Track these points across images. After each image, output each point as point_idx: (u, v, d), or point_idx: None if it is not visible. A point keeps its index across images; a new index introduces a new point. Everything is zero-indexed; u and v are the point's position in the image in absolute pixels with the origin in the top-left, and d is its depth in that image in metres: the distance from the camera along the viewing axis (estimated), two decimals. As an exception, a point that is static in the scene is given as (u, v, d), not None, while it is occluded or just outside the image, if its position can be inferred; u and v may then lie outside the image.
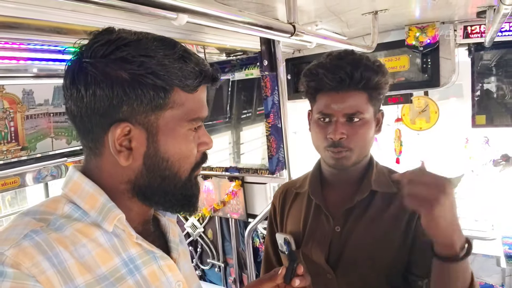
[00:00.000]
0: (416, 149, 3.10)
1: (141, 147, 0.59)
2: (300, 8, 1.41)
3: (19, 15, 1.13)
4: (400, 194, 0.96)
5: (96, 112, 0.57)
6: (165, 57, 0.57)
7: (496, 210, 2.68)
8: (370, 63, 0.93)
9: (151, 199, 0.63)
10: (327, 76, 0.91)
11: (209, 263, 2.54)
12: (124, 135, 0.58)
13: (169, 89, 0.58)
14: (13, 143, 1.64)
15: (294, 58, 2.46)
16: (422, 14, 1.78)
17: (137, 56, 0.55)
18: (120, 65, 0.55)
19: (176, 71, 0.57)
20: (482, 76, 2.05)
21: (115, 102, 0.56)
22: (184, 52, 0.59)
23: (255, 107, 2.83)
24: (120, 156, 0.58)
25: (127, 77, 0.55)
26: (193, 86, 0.60)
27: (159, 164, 0.60)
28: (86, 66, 0.56)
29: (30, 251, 0.51)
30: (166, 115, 0.59)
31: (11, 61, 1.44)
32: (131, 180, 0.61)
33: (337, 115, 0.92)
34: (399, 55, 2.13)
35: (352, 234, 0.95)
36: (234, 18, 0.81)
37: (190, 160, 0.63)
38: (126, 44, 0.56)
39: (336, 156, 0.94)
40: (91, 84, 0.55)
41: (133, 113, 0.57)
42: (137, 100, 0.56)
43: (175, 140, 0.60)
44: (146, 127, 0.58)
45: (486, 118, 2.07)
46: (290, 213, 1.10)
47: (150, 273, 0.62)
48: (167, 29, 1.46)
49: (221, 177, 2.25)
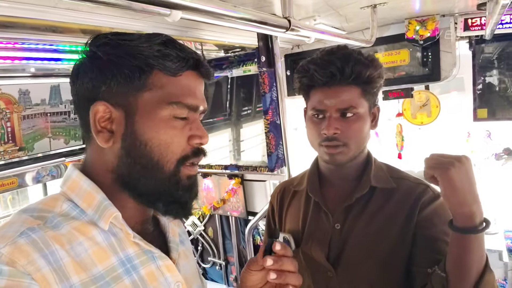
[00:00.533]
0: (417, 144, 3.08)
1: (120, 128, 0.59)
2: (298, 3, 1.40)
3: (14, 14, 1.12)
4: (399, 189, 0.96)
5: (83, 97, 0.60)
6: (145, 41, 0.59)
7: (499, 204, 2.67)
8: (361, 57, 0.92)
9: (135, 189, 0.61)
10: (318, 72, 0.91)
11: (210, 261, 2.54)
12: (107, 119, 0.59)
13: (147, 70, 0.58)
14: (10, 144, 1.64)
15: (293, 54, 2.44)
16: (421, 7, 1.75)
17: (117, 40, 0.59)
18: (101, 49, 0.59)
19: (154, 52, 0.58)
20: (484, 69, 2.02)
21: (95, 83, 0.59)
22: (168, 39, 0.61)
23: (254, 104, 2.81)
24: (98, 136, 0.59)
25: (105, 58, 0.58)
26: (173, 69, 0.59)
27: (136, 147, 0.59)
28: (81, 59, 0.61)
29: (26, 249, 0.51)
30: (144, 96, 0.59)
31: (6, 61, 1.43)
32: (114, 167, 0.61)
33: (330, 110, 0.92)
34: (399, 49, 2.10)
35: (352, 232, 0.95)
36: (228, 13, 0.80)
37: (173, 149, 0.60)
38: (114, 34, 0.60)
39: (331, 152, 0.93)
40: (80, 72, 0.60)
41: (112, 94, 0.58)
42: (113, 79, 0.58)
43: (153, 123, 0.59)
44: (125, 108, 0.59)
45: (488, 111, 2.05)
46: (288, 212, 1.09)
47: (148, 273, 0.61)
48: (163, 26, 1.45)
49: (221, 175, 2.24)
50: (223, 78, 2.51)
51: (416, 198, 0.94)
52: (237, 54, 2.15)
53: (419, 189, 0.95)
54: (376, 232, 0.93)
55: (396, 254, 0.92)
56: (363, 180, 0.98)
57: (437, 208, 0.92)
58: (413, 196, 0.94)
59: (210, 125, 2.64)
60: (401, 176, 1.01)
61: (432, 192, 0.95)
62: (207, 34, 1.76)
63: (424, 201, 0.93)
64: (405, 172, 1.03)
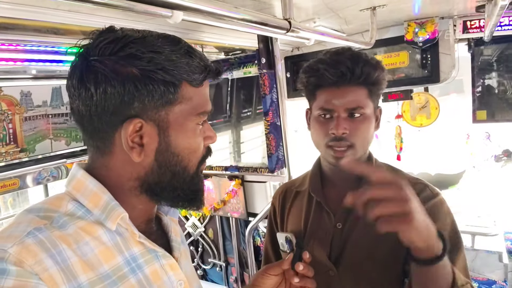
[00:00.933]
0: (417, 145, 3.08)
1: (152, 143, 0.59)
2: (297, 5, 1.41)
3: (15, 15, 1.13)
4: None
5: (107, 110, 0.57)
6: (172, 53, 0.58)
7: (498, 206, 2.68)
8: (369, 59, 0.93)
9: (160, 195, 0.63)
10: (328, 71, 0.91)
11: (210, 263, 2.54)
12: (136, 132, 0.58)
13: (178, 84, 0.58)
14: (12, 145, 1.64)
15: (293, 56, 2.45)
16: (420, 9, 1.77)
17: (146, 52, 0.56)
18: (130, 62, 0.56)
19: (183, 65, 0.58)
20: (483, 72, 2.03)
21: (126, 99, 0.56)
22: (189, 47, 0.60)
23: (254, 106, 2.82)
24: (133, 152, 0.58)
25: (137, 73, 0.56)
26: (199, 80, 0.61)
27: (170, 159, 0.61)
28: (95, 64, 0.56)
29: (33, 249, 0.51)
30: (175, 110, 0.59)
31: (8, 63, 1.44)
32: (141, 177, 0.61)
33: (339, 110, 0.92)
34: (399, 51, 2.11)
35: (353, 231, 0.95)
36: (229, 14, 0.80)
37: (198, 155, 0.64)
38: (133, 41, 0.57)
39: (337, 155, 0.93)
40: (101, 82, 0.55)
41: (144, 109, 0.57)
42: (148, 96, 0.57)
43: (185, 134, 0.61)
44: (157, 123, 0.59)
45: (487, 113, 2.05)
46: (290, 212, 1.09)
47: (152, 272, 0.62)
48: (165, 28, 1.46)
49: (221, 176, 2.25)
50: (223, 80, 2.52)
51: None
52: (237, 56, 2.16)
53: (418, 187, 0.96)
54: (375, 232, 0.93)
55: (396, 254, 0.92)
56: (364, 180, 0.98)
57: (433, 207, 0.92)
58: None
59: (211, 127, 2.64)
60: (400, 175, 1.01)
61: (430, 191, 0.96)
62: (207, 36, 1.77)
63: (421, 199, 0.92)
64: (403, 172, 1.03)
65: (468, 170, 3.42)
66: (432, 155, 3.65)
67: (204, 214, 2.43)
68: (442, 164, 3.70)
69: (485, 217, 2.64)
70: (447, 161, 3.51)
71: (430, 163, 3.65)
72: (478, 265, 2.18)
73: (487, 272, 2.24)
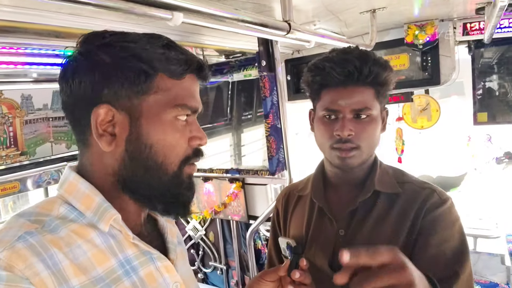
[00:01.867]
0: (418, 148, 3.08)
1: (123, 132, 0.59)
2: (297, 8, 1.41)
3: (16, 19, 1.13)
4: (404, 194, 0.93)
5: (81, 99, 0.58)
6: (148, 43, 0.58)
7: (500, 208, 2.66)
8: (378, 59, 0.90)
9: (136, 192, 0.61)
10: (335, 70, 0.88)
11: (211, 266, 2.53)
12: (108, 122, 0.58)
13: (152, 73, 0.58)
14: (12, 148, 1.64)
15: (294, 59, 2.46)
16: (420, 11, 1.77)
17: (121, 42, 0.57)
18: (104, 50, 0.57)
19: (159, 55, 0.58)
20: (483, 74, 2.03)
21: (96, 86, 0.57)
22: (170, 41, 0.60)
23: (255, 109, 2.82)
24: (101, 140, 0.58)
25: (109, 61, 0.56)
26: (178, 73, 0.60)
27: (141, 150, 0.59)
28: (73, 57, 0.58)
29: (24, 253, 0.50)
30: (150, 99, 0.59)
31: (8, 66, 1.44)
32: (115, 171, 0.60)
33: (344, 111, 0.89)
34: (399, 54, 2.12)
35: (356, 238, 0.91)
36: (229, 16, 0.80)
37: (177, 152, 0.61)
38: (111, 33, 0.58)
39: (342, 156, 0.90)
40: (77, 72, 0.57)
41: (116, 97, 0.57)
42: (118, 82, 0.57)
43: (159, 125, 0.59)
44: (129, 112, 0.58)
45: (488, 115, 2.05)
46: (292, 217, 1.07)
47: (147, 274, 0.61)
48: (165, 31, 1.46)
49: (222, 179, 2.24)
50: (223, 83, 2.52)
51: (422, 203, 0.90)
52: (238, 58, 2.16)
53: (425, 193, 0.92)
54: (380, 238, 0.89)
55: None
56: (367, 184, 0.95)
57: (441, 214, 0.88)
58: (419, 200, 0.91)
59: (211, 130, 2.65)
60: (406, 180, 0.97)
61: (439, 197, 0.91)
62: (208, 39, 1.77)
63: (429, 206, 0.89)
64: (411, 175, 0.99)
65: (469, 172, 3.41)
66: (433, 157, 3.64)
67: (205, 217, 2.43)
68: (444, 167, 3.69)
69: (487, 220, 2.63)
70: (448, 164, 3.51)
71: (431, 165, 3.64)
72: (480, 268, 2.16)
73: (489, 275, 2.22)
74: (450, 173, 3.68)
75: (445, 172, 3.66)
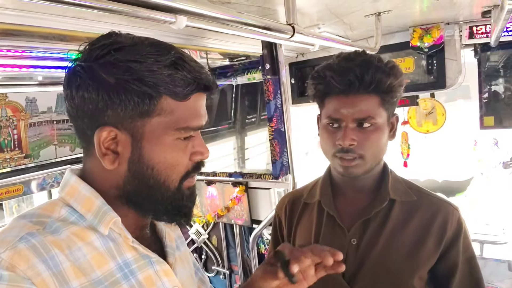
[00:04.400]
0: (423, 152, 3.05)
1: (126, 152, 0.59)
2: (302, 11, 1.40)
3: (21, 22, 1.14)
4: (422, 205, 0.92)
5: (85, 114, 0.58)
6: (154, 63, 0.56)
7: (507, 213, 2.63)
8: (382, 64, 0.87)
9: (141, 206, 0.62)
10: (335, 79, 0.86)
11: (214, 270, 2.51)
12: (112, 139, 0.58)
13: (156, 96, 0.57)
14: (17, 151, 1.65)
15: (298, 62, 2.45)
16: (426, 15, 1.76)
17: (125, 61, 0.55)
18: (108, 70, 0.55)
19: (164, 77, 0.56)
20: (490, 78, 2.01)
21: (100, 106, 0.56)
22: (178, 59, 0.58)
23: (259, 112, 2.82)
24: (104, 159, 0.58)
25: (112, 82, 0.55)
26: (183, 94, 0.58)
27: (143, 171, 0.59)
28: (78, 69, 0.57)
29: (25, 254, 0.51)
30: (152, 122, 0.58)
31: (13, 69, 1.45)
32: (120, 185, 0.61)
33: (347, 120, 0.87)
34: (404, 57, 2.10)
35: (372, 249, 0.89)
36: (232, 19, 0.80)
37: (178, 170, 0.62)
38: (118, 49, 0.56)
39: (345, 164, 0.89)
40: (80, 86, 0.57)
41: (118, 118, 0.57)
42: (121, 105, 0.56)
43: (160, 148, 0.59)
44: (131, 133, 0.58)
45: (495, 119, 2.02)
46: (299, 226, 1.04)
47: (146, 277, 0.61)
48: (169, 34, 1.46)
49: (225, 183, 2.23)
50: (227, 86, 2.52)
51: (444, 218, 0.90)
52: (241, 62, 2.16)
53: (445, 208, 0.92)
54: (398, 250, 0.88)
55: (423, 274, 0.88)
56: (381, 192, 0.93)
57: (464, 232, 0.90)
58: (440, 215, 0.90)
59: (215, 133, 2.64)
60: (419, 189, 0.96)
61: (458, 213, 0.92)
62: (211, 42, 1.77)
63: (452, 223, 0.90)
64: (424, 189, 0.98)
65: (476, 177, 3.38)
66: (439, 161, 3.61)
67: (208, 221, 2.41)
68: (450, 171, 3.66)
69: (494, 225, 2.60)
70: (454, 168, 3.47)
71: (437, 170, 3.61)
72: (487, 274, 2.13)
73: (496, 281, 2.19)
74: (456, 177, 3.64)
75: (451, 177, 3.62)
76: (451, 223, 0.89)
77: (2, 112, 1.59)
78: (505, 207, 2.72)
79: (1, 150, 1.60)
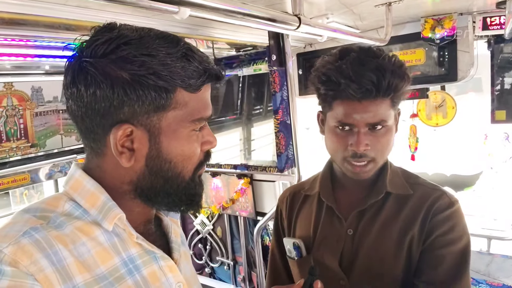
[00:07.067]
0: (432, 145, 3.01)
1: (143, 148, 0.58)
2: (309, 1, 1.37)
3: (26, 11, 1.13)
4: (414, 195, 0.93)
5: (97, 113, 0.56)
6: (167, 56, 0.55)
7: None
8: (396, 68, 0.84)
9: (153, 200, 0.62)
10: (350, 86, 0.81)
11: (218, 261, 2.53)
12: (126, 136, 0.57)
13: (172, 89, 0.56)
14: (23, 140, 1.66)
15: (306, 53, 2.41)
16: (438, 5, 1.71)
17: (138, 56, 0.54)
18: (121, 65, 0.54)
19: (178, 70, 0.55)
20: (503, 70, 1.95)
21: (115, 103, 0.55)
22: (188, 50, 0.57)
23: (266, 103, 2.80)
24: (121, 157, 0.57)
25: (127, 78, 0.54)
26: (196, 86, 0.58)
27: (162, 165, 0.59)
28: (86, 65, 0.54)
29: (29, 249, 0.50)
30: (168, 115, 0.58)
31: (18, 58, 1.45)
32: (133, 181, 0.60)
33: (359, 125, 0.85)
34: (415, 48, 2.05)
35: (365, 239, 0.91)
36: (237, 10, 0.78)
37: (193, 161, 0.62)
38: (126, 43, 0.54)
39: (357, 170, 0.88)
40: (91, 84, 0.54)
41: (135, 114, 0.56)
42: (138, 101, 0.55)
43: (178, 141, 0.59)
44: (148, 128, 0.57)
45: (507, 113, 1.97)
46: (299, 217, 1.05)
47: (150, 273, 0.61)
48: (174, 24, 1.44)
49: (230, 175, 2.23)
50: (234, 77, 2.49)
51: (430, 204, 0.90)
52: (247, 52, 2.13)
53: (435, 194, 0.91)
54: (389, 239, 0.89)
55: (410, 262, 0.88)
56: (378, 185, 0.94)
57: (450, 216, 0.88)
58: (428, 201, 0.90)
59: (221, 124, 2.64)
60: (417, 181, 0.96)
61: (448, 198, 0.91)
62: (217, 32, 1.75)
63: (437, 207, 0.89)
64: (421, 178, 0.98)
65: (485, 171, 3.32)
66: (448, 155, 3.56)
67: (213, 212, 2.42)
68: (458, 165, 3.60)
69: (502, 220, 2.56)
70: (463, 162, 3.42)
71: (445, 163, 3.56)
72: (493, 270, 2.11)
73: (502, 277, 2.17)
74: (465, 171, 3.59)
75: (460, 171, 3.57)
76: (437, 208, 0.88)
77: (8, 101, 1.59)
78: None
79: (8, 139, 1.61)
